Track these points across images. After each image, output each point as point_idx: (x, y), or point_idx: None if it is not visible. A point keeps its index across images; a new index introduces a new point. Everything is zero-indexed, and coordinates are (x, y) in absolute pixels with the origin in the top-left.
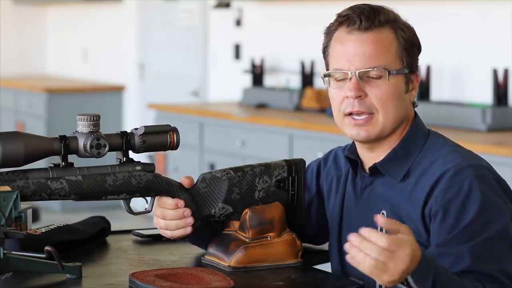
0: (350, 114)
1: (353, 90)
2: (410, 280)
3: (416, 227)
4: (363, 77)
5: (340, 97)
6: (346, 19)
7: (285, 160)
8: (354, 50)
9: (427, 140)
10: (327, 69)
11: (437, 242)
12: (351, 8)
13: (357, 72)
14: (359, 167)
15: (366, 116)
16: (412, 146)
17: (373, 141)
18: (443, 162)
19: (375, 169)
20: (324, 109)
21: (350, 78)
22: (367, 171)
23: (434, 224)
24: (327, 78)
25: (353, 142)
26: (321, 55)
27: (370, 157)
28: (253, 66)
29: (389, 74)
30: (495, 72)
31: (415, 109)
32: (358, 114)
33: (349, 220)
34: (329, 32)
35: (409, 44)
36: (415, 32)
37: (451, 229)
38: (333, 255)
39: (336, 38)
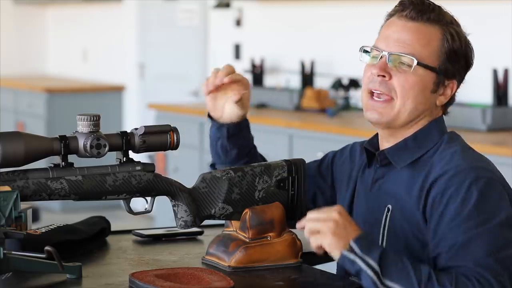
0: (372, 93)
1: (378, 68)
2: (355, 246)
3: (418, 223)
4: (394, 61)
5: (369, 74)
6: (400, 5)
7: (285, 160)
8: (394, 34)
9: (442, 138)
10: None
11: (433, 242)
12: None
13: (388, 53)
14: (375, 160)
15: (385, 98)
16: (425, 140)
17: (384, 126)
18: (446, 163)
19: (384, 157)
20: (324, 109)
21: (381, 57)
22: (379, 160)
23: (432, 222)
24: (365, 54)
25: (374, 136)
26: (321, 54)
27: (385, 147)
28: (253, 66)
29: (417, 64)
30: (495, 72)
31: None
32: (378, 95)
33: (357, 213)
34: (387, 16)
35: (453, 51)
36: (468, 47)
37: (450, 230)
38: None
39: (388, 22)
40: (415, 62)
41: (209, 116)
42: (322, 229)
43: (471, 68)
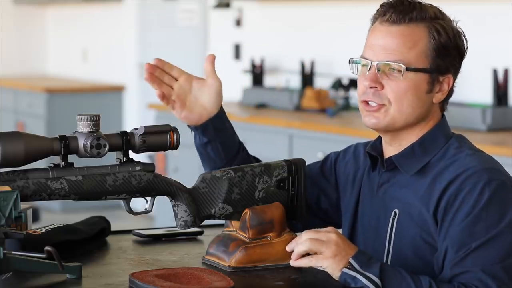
0: (366, 102)
1: (369, 80)
2: (354, 263)
3: (427, 227)
4: (384, 69)
5: (361, 85)
6: (381, 10)
7: (285, 160)
8: (379, 42)
9: (449, 142)
10: None
11: (443, 244)
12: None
13: (376, 63)
14: (379, 163)
15: (378, 104)
16: (431, 145)
17: (383, 130)
18: (459, 164)
19: (391, 163)
20: (324, 109)
21: (370, 68)
22: (385, 166)
23: (444, 225)
24: (355, 64)
25: (377, 139)
26: (321, 54)
27: (389, 151)
28: (253, 66)
29: (406, 70)
30: (495, 72)
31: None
32: (372, 102)
33: (362, 216)
34: (372, 19)
35: (442, 46)
36: (458, 36)
37: (460, 232)
38: None
39: (372, 28)
40: (404, 68)
41: (190, 127)
42: (324, 251)
43: (466, 55)
